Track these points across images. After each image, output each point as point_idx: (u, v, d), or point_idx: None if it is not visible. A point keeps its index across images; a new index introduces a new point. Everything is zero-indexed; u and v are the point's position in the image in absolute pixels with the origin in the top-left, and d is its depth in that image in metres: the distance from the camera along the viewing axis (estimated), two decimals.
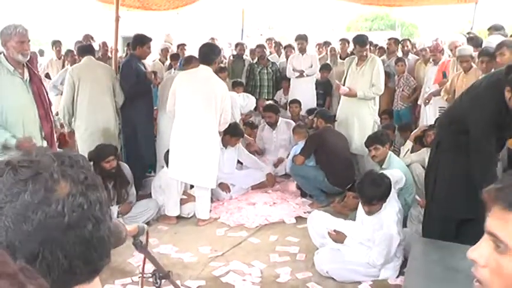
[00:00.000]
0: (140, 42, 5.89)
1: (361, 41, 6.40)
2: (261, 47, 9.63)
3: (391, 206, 4.12)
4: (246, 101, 7.60)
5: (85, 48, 6.23)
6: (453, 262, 3.58)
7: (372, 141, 5.26)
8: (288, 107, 8.28)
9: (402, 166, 5.21)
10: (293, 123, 7.39)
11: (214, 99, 5.01)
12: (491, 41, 5.96)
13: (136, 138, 5.96)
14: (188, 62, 5.98)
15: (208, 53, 5.16)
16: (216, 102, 5.03)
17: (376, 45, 9.32)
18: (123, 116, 5.97)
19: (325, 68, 8.96)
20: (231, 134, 6.16)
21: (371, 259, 4.00)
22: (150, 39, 6.01)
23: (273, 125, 7.44)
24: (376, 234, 4.02)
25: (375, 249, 4.00)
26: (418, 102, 7.70)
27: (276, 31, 19.58)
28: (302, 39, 8.76)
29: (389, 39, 9.48)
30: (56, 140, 4.53)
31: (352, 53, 7.89)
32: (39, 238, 0.77)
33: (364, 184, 4.05)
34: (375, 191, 4.01)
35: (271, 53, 10.49)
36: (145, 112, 6.04)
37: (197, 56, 5.34)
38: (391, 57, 8.77)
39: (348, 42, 9.35)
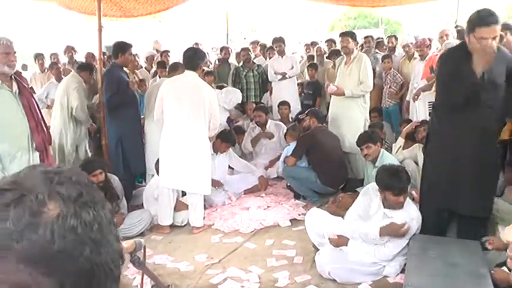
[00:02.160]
0: (121, 49, 5.87)
1: (341, 33, 6.60)
2: (245, 50, 9.63)
3: (409, 202, 4.13)
4: (230, 96, 7.59)
5: (83, 66, 6.50)
6: (452, 257, 3.58)
7: (364, 140, 5.29)
8: (277, 109, 8.27)
9: (395, 163, 5.21)
10: (282, 125, 7.39)
11: (202, 104, 5.00)
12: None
13: (122, 148, 5.93)
14: (174, 69, 5.95)
15: (193, 58, 5.14)
16: (205, 107, 5.01)
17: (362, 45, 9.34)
18: (109, 126, 5.96)
19: (312, 66, 8.99)
20: (222, 139, 6.15)
21: (384, 254, 3.97)
22: (130, 46, 6.00)
23: (262, 125, 7.44)
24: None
25: (389, 244, 3.97)
26: (407, 99, 7.72)
27: (259, 33, 19.60)
28: (279, 41, 8.83)
29: (365, 37, 9.60)
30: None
31: (339, 51, 7.92)
32: (26, 271, 0.64)
33: (390, 177, 3.96)
34: (403, 181, 3.96)
35: (256, 56, 10.49)
36: (131, 121, 6.01)
37: (182, 62, 5.32)
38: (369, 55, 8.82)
39: (334, 42, 9.43)
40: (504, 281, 3.17)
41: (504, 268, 3.20)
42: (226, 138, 6.21)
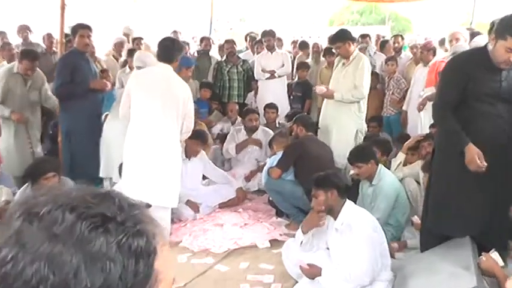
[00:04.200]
0: (73, 31, 5.91)
1: (330, 39, 6.67)
2: (230, 42, 9.67)
3: (363, 221, 4.16)
4: None
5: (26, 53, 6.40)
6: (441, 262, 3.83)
7: (353, 158, 5.31)
8: (263, 112, 8.28)
9: (394, 181, 5.26)
10: (271, 132, 7.39)
11: (175, 102, 4.96)
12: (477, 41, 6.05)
13: (70, 147, 5.94)
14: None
15: (170, 49, 5.11)
16: (178, 107, 4.98)
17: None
18: (59, 121, 6.01)
19: (302, 66, 9.06)
20: (193, 136, 5.96)
21: (357, 277, 3.97)
22: (82, 26, 6.03)
23: (252, 131, 7.45)
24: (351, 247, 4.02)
25: (356, 264, 3.97)
26: (403, 108, 7.80)
27: (248, 24, 19.62)
28: (269, 35, 8.87)
29: (361, 35, 9.65)
30: None
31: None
32: None
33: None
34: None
35: (247, 49, 10.52)
36: (83, 116, 6.06)
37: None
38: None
39: None
40: (490, 269, 3.48)
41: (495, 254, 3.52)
42: (197, 135, 6.16)
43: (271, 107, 8.06)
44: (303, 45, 10.77)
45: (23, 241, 0.77)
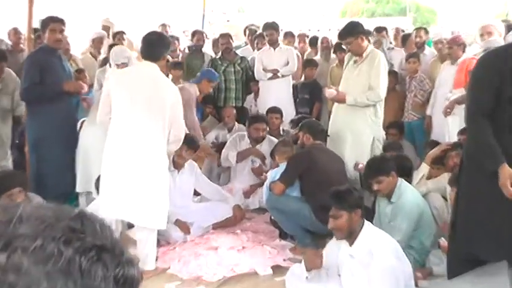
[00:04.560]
0: (42, 26, 5.97)
1: (339, 33, 6.63)
2: (225, 36, 9.63)
3: (385, 247, 4.15)
4: None
5: None
6: None
7: (373, 172, 5.24)
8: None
9: (417, 198, 5.23)
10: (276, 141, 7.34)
11: (162, 107, 4.97)
12: None
13: (37, 158, 5.94)
14: None
15: (155, 45, 5.13)
16: (164, 111, 4.98)
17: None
18: (26, 127, 6.02)
19: (309, 64, 9.07)
20: (186, 144, 6.06)
21: None
22: (51, 20, 6.05)
23: (257, 142, 7.49)
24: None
25: None
26: (427, 113, 7.82)
27: (247, 15, 19.66)
28: (272, 28, 8.90)
29: (376, 28, 9.58)
30: None
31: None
32: None
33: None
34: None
35: (246, 44, 10.52)
36: (53, 122, 6.07)
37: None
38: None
39: None
40: None
41: None
42: (185, 140, 6.02)
43: (274, 111, 8.07)
44: (314, 42, 10.65)
45: (13, 282, 0.77)
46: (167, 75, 8.31)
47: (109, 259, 0.83)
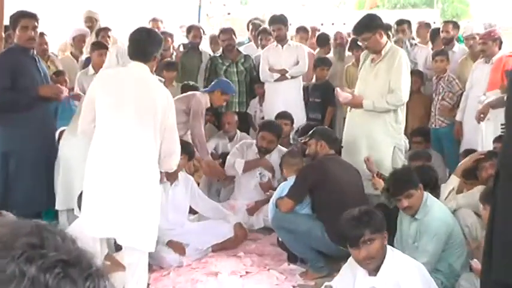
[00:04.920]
0: (12, 22, 6.00)
1: (354, 28, 6.68)
2: (228, 32, 9.66)
3: (413, 277, 4.17)
4: None
5: None
6: None
7: (402, 185, 5.19)
8: None
9: (445, 214, 5.21)
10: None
11: (152, 113, 4.93)
12: None
13: (8, 173, 5.97)
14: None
15: (144, 43, 5.12)
16: (156, 118, 4.94)
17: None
18: None
19: (321, 63, 9.06)
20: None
21: None
22: (23, 15, 6.07)
23: (266, 152, 7.53)
24: None
25: None
26: (457, 118, 7.87)
27: (250, 8, 19.65)
28: (279, 22, 8.88)
29: (397, 22, 9.55)
30: None
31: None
32: None
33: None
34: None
35: (249, 40, 10.53)
36: (27, 131, 6.10)
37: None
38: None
39: None
40: None
41: None
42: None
43: (284, 117, 8.13)
44: (323, 40, 10.45)
45: None
46: (163, 77, 8.40)
47: (76, 274, 0.84)
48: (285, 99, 8.65)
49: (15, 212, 5.48)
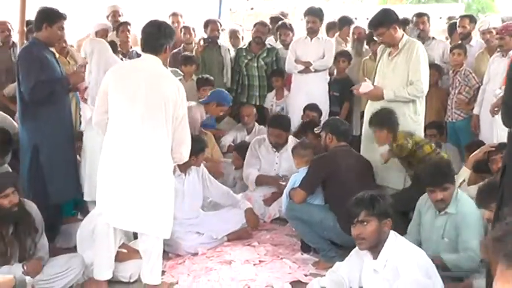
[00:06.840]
0: (47, 19, 6.01)
1: (369, 23, 6.71)
2: (263, 25, 9.68)
3: (413, 263, 4.20)
4: None
5: None
6: None
7: (440, 178, 5.17)
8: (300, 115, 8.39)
9: (474, 208, 5.12)
10: None
11: (163, 105, 4.99)
12: None
13: (38, 164, 6.07)
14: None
15: (155, 36, 5.19)
16: (167, 110, 5.00)
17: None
18: (21, 131, 6.16)
19: (342, 55, 9.04)
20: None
21: None
22: (62, 16, 6.15)
23: (279, 146, 7.59)
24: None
25: None
26: (474, 112, 7.89)
27: (274, 2, 19.51)
28: (314, 15, 8.80)
29: (417, 15, 9.53)
30: None
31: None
32: None
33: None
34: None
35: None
36: (54, 124, 6.15)
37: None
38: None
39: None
40: None
41: None
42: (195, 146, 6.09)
43: (312, 108, 8.20)
44: (344, 22, 10.43)
45: None
46: (182, 72, 8.50)
47: None
48: (309, 92, 8.63)
49: (47, 201, 5.69)
